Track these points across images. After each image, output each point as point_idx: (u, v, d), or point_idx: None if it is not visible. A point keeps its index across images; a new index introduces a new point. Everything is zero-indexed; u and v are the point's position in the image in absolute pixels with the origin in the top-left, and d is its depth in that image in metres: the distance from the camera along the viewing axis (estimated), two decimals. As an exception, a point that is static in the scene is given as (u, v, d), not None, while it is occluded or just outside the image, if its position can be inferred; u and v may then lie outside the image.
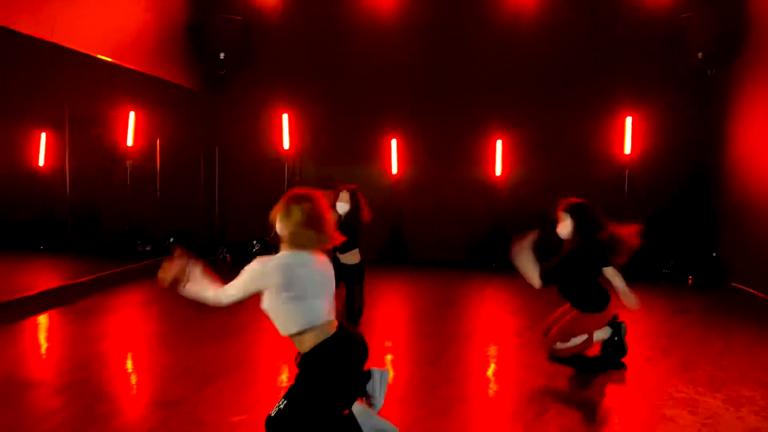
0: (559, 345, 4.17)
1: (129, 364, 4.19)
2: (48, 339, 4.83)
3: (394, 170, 8.49)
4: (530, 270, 4.11)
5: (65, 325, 5.05)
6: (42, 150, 9.06)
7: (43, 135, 9.07)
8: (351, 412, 2.75)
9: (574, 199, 4.36)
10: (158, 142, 8.73)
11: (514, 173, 8.31)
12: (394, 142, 8.44)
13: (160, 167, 8.76)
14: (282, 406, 2.61)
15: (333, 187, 5.29)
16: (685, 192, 7.89)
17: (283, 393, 2.75)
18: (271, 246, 8.73)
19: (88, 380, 3.76)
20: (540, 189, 8.21)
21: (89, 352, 4.35)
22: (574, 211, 4.26)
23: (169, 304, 6.08)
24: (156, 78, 7.99)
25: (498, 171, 8.24)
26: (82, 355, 4.27)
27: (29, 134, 9.18)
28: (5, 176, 9.31)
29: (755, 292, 6.56)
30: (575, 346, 4.16)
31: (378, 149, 8.58)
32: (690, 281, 7.33)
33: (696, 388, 3.67)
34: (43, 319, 5.18)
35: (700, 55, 7.37)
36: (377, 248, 8.50)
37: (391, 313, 5.99)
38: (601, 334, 4.24)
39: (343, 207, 5.16)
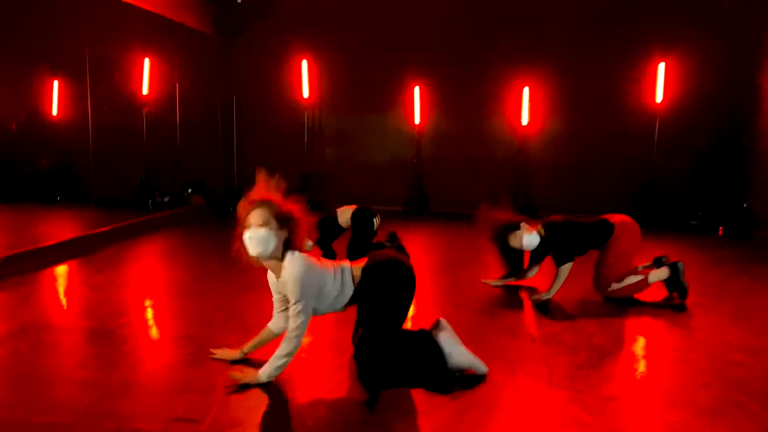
0: (615, 286, 4.13)
1: (157, 311, 4.11)
2: (70, 287, 4.74)
3: (417, 120, 8.28)
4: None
5: (86, 275, 4.95)
6: (55, 98, 8.84)
7: (56, 83, 8.84)
8: (431, 336, 2.88)
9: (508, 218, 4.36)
10: (177, 89, 8.50)
11: (541, 123, 8.11)
12: (417, 90, 8.21)
13: (179, 116, 8.57)
14: (361, 335, 2.80)
15: None
16: (717, 142, 7.70)
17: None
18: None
19: (124, 326, 3.68)
20: (568, 139, 8.04)
21: (116, 299, 4.28)
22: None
23: (191, 253, 6.01)
24: (172, 21, 7.71)
25: (524, 121, 8.04)
26: (110, 302, 4.19)
27: (43, 82, 8.95)
28: (19, 126, 9.13)
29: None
30: (630, 286, 4.16)
31: (400, 98, 8.35)
32: (720, 232, 7.22)
33: (754, 333, 3.59)
34: (62, 269, 5.09)
35: (736, -3, 7.08)
36: (398, 199, 8.38)
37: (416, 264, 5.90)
38: (657, 275, 4.18)
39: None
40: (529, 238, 4.17)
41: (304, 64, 8.31)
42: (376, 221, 5.11)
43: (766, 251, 6.27)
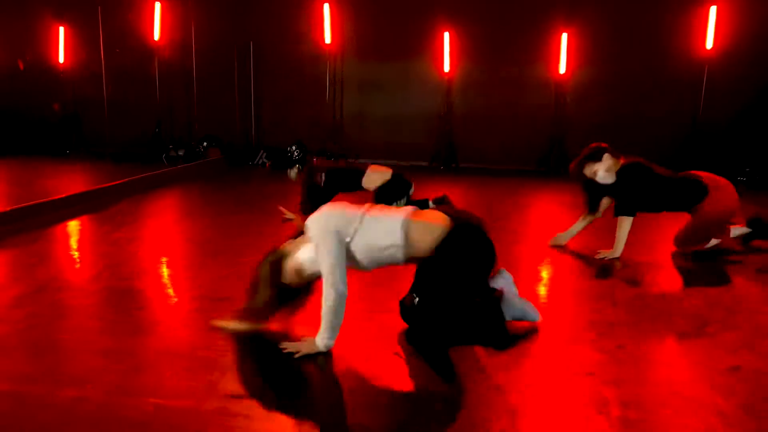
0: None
1: (178, 270, 3.75)
2: (85, 244, 4.39)
3: (447, 68, 7.75)
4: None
5: (101, 231, 4.58)
6: (61, 45, 8.35)
7: (62, 29, 8.34)
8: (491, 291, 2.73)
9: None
10: (193, 36, 7.98)
11: (580, 72, 7.57)
12: (446, 36, 7.66)
13: (194, 63, 8.09)
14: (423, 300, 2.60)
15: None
16: (765, 92, 7.17)
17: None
18: (310, 151, 8.14)
19: (145, 286, 3.34)
20: (608, 88, 7.52)
21: (134, 257, 3.94)
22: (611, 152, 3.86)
23: (209, 209, 5.63)
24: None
25: (562, 69, 7.51)
26: (128, 259, 3.85)
27: (47, 28, 8.46)
28: (26, 74, 8.68)
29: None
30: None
31: (429, 44, 7.80)
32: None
33: None
34: (74, 225, 4.73)
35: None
36: (426, 154, 7.93)
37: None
38: (738, 231, 3.82)
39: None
40: (604, 173, 3.77)
41: (326, 7, 7.75)
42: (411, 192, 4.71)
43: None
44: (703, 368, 2.42)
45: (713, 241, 3.97)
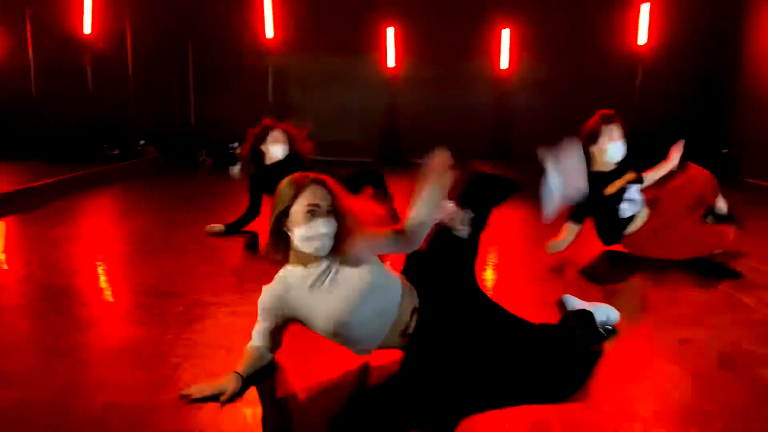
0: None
1: (118, 267, 3.58)
2: (16, 244, 4.14)
3: (391, 63, 7.75)
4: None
5: (29, 230, 4.33)
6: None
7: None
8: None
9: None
10: (128, 30, 7.64)
11: (521, 67, 7.73)
12: (391, 31, 7.65)
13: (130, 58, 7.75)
14: None
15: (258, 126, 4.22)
16: (698, 86, 7.53)
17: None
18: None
19: (83, 284, 3.16)
20: (548, 83, 7.71)
21: (71, 256, 3.74)
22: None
23: (144, 210, 5.41)
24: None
25: (504, 64, 7.64)
26: (65, 259, 3.66)
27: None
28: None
29: (765, 183, 6.47)
30: None
31: (372, 40, 7.78)
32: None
33: None
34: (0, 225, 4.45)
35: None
36: (371, 149, 7.90)
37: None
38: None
39: (278, 150, 4.13)
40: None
41: (267, 1, 7.61)
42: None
43: (746, 193, 6.23)
44: (654, 341, 2.48)
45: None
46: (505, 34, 7.54)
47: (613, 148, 3.67)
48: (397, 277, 2.13)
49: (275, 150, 4.13)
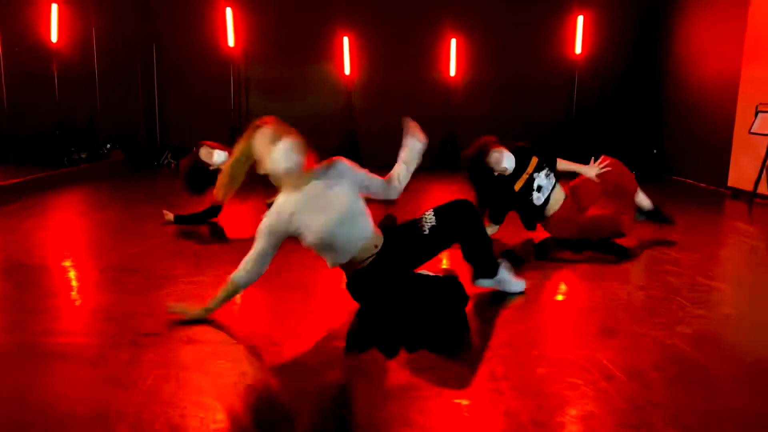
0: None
1: (79, 248, 3.94)
2: None
3: (347, 71, 8.22)
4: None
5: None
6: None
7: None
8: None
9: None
10: (93, 37, 7.95)
11: (468, 74, 8.27)
12: (346, 41, 8.13)
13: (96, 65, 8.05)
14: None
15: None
16: (631, 91, 8.16)
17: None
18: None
19: (63, 266, 3.51)
20: (494, 89, 8.25)
21: (36, 243, 4.07)
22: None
23: (109, 205, 5.75)
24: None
25: (452, 72, 8.17)
26: (27, 246, 3.98)
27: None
28: None
29: (693, 182, 7.06)
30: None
31: (329, 48, 8.24)
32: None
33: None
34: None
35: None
36: (331, 155, 8.30)
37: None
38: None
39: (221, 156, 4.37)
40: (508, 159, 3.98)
41: (229, 11, 8.01)
42: None
43: (677, 192, 6.78)
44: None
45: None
46: (453, 43, 8.08)
47: (506, 162, 3.99)
48: (370, 221, 2.71)
49: (218, 155, 4.42)
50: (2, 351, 2.31)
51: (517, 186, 4.04)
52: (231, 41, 8.08)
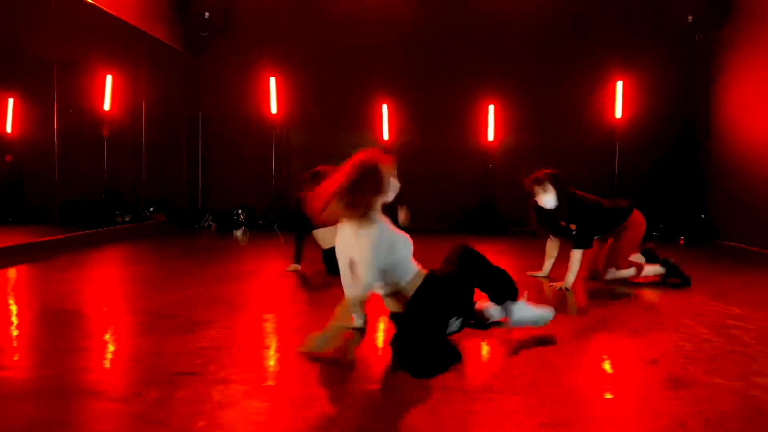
0: (612, 274, 4.35)
1: (115, 296, 3.89)
2: (22, 284, 4.46)
3: (385, 137, 8.32)
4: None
5: (41, 274, 4.67)
6: (9, 114, 8.50)
7: (11, 100, 8.51)
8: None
9: (545, 171, 4.53)
10: (143, 105, 8.30)
11: (506, 139, 8.28)
12: (384, 108, 8.28)
13: (144, 133, 8.35)
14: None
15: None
16: (674, 155, 8.01)
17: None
18: (255, 213, 8.38)
19: (106, 313, 3.45)
20: (533, 155, 8.19)
21: (74, 291, 4.05)
22: (553, 180, 4.41)
23: (149, 260, 5.77)
24: (141, 32, 7.60)
25: (490, 137, 8.19)
26: (65, 292, 3.96)
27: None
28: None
29: (744, 246, 6.76)
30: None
31: (368, 115, 8.40)
32: (682, 241, 7.43)
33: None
34: (13, 271, 4.79)
35: (690, 18, 7.52)
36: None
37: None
38: (653, 270, 4.40)
39: None
40: (547, 197, 4.36)
41: (272, 81, 8.29)
42: None
43: (726, 255, 6.49)
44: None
45: (627, 272, 4.42)
46: (491, 109, 8.14)
47: (544, 201, 4.42)
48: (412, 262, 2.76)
49: None
50: (35, 386, 2.22)
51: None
52: (274, 108, 8.32)
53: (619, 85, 7.91)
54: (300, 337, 2.82)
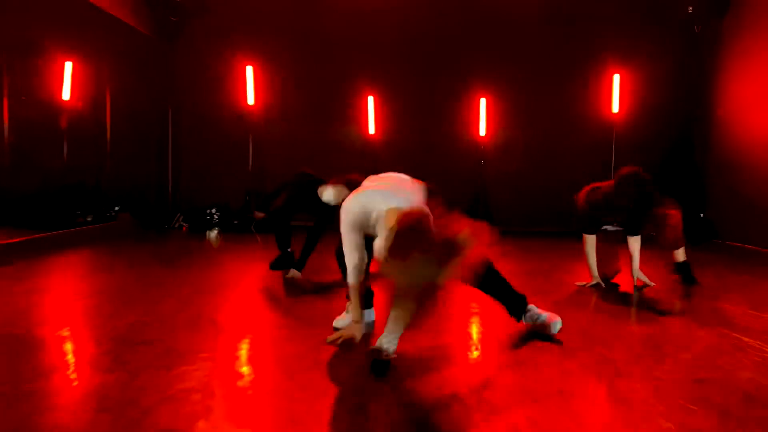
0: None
1: (81, 314, 3.32)
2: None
3: (371, 131, 7.82)
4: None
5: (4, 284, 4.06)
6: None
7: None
8: None
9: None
10: (108, 95, 7.60)
11: (499, 134, 7.85)
12: (371, 100, 7.77)
13: (109, 124, 7.66)
14: None
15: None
16: (673, 152, 7.70)
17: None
18: (230, 212, 7.78)
19: (67, 333, 2.89)
20: (526, 150, 7.82)
21: (50, 306, 3.46)
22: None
23: (116, 267, 5.17)
24: (104, 13, 6.93)
25: (482, 132, 7.76)
26: (42, 308, 3.37)
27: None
28: None
29: (744, 245, 6.51)
30: None
31: (353, 108, 7.88)
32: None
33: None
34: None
35: (690, 9, 7.20)
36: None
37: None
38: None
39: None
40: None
41: (249, 70, 7.71)
42: None
43: (729, 255, 6.24)
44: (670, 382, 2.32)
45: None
46: (483, 103, 7.70)
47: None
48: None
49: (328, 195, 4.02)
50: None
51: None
52: (251, 99, 7.74)
53: (616, 78, 7.55)
54: (303, 367, 2.33)
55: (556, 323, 2.82)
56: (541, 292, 3.92)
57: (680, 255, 4.41)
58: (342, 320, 2.96)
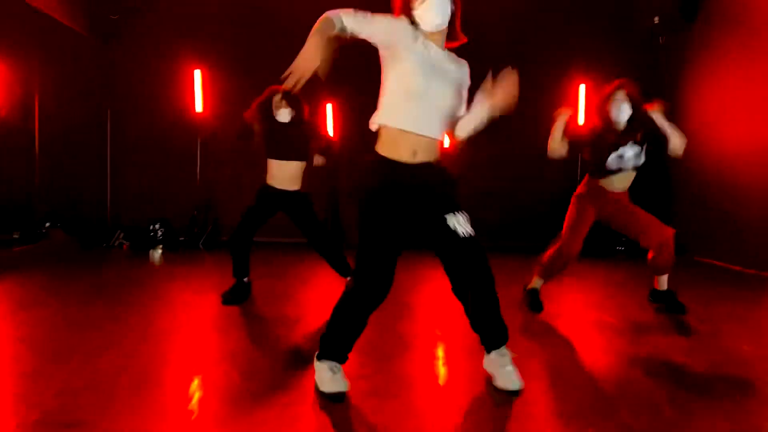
0: None
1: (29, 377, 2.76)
2: None
3: (331, 134, 7.36)
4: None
5: None
6: None
7: None
8: None
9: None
10: (36, 99, 6.86)
11: (463, 148, 7.53)
12: (329, 108, 7.33)
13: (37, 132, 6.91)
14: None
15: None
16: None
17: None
18: (175, 229, 7.19)
19: None
20: (492, 163, 7.55)
21: None
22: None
23: (46, 303, 4.55)
24: (31, 8, 6.23)
25: (446, 144, 7.42)
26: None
27: None
28: None
29: (715, 262, 6.43)
30: None
31: (311, 115, 7.38)
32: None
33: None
34: None
35: (656, 20, 7.08)
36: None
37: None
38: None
39: (285, 115, 4.47)
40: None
41: (198, 74, 7.12)
42: None
43: (694, 269, 6.14)
44: None
45: None
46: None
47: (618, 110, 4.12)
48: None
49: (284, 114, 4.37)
50: None
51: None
52: (199, 106, 7.16)
53: (582, 88, 7.37)
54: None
55: (517, 382, 2.52)
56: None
57: (664, 282, 4.25)
58: None
